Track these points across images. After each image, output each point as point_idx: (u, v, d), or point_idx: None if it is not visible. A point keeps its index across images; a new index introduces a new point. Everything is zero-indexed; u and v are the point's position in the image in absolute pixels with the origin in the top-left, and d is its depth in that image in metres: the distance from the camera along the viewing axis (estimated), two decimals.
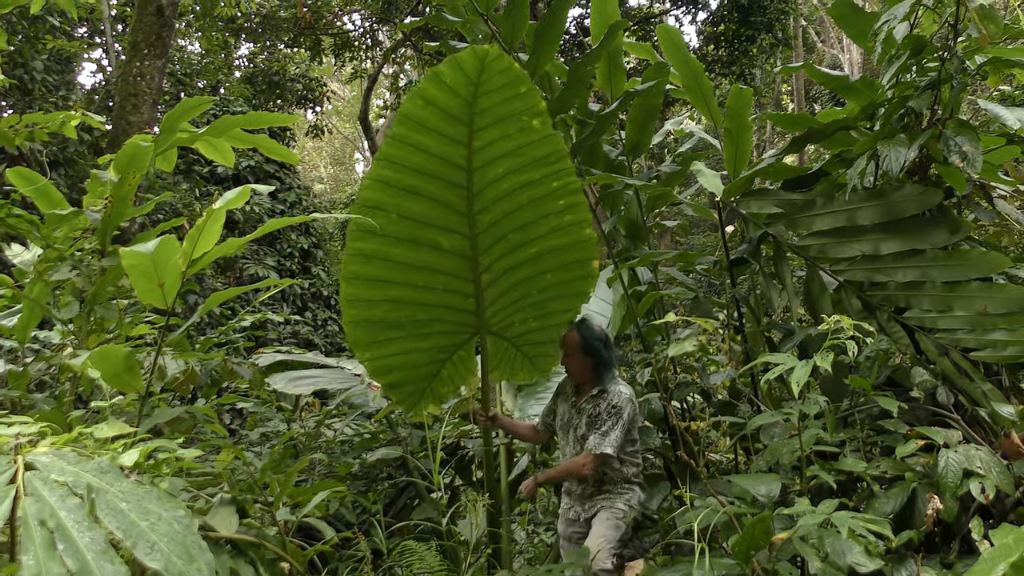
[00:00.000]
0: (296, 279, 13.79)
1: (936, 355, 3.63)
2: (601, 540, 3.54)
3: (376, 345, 4.07)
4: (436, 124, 3.59)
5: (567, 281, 4.18)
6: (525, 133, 3.68)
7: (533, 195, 3.87)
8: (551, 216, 3.94)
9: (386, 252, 3.86)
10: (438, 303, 4.08)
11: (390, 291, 3.96)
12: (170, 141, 4.07)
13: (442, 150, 3.66)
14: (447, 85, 3.48)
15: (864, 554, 2.46)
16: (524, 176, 3.80)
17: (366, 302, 3.95)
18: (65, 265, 3.64)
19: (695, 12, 18.21)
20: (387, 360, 4.15)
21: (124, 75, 8.28)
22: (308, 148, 39.37)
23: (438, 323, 4.15)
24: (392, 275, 3.92)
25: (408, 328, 4.10)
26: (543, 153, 3.75)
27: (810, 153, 22.80)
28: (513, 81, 3.52)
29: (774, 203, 4.18)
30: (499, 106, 3.58)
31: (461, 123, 3.59)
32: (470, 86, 3.48)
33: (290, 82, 19.47)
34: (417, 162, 3.67)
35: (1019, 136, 3.74)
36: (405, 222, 3.81)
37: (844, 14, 4.10)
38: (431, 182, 3.74)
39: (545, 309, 4.29)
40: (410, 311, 4.05)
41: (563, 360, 3.99)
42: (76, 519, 1.40)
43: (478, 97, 3.52)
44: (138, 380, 2.87)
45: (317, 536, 3.39)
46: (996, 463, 2.94)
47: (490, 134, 3.65)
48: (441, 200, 3.79)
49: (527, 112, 3.63)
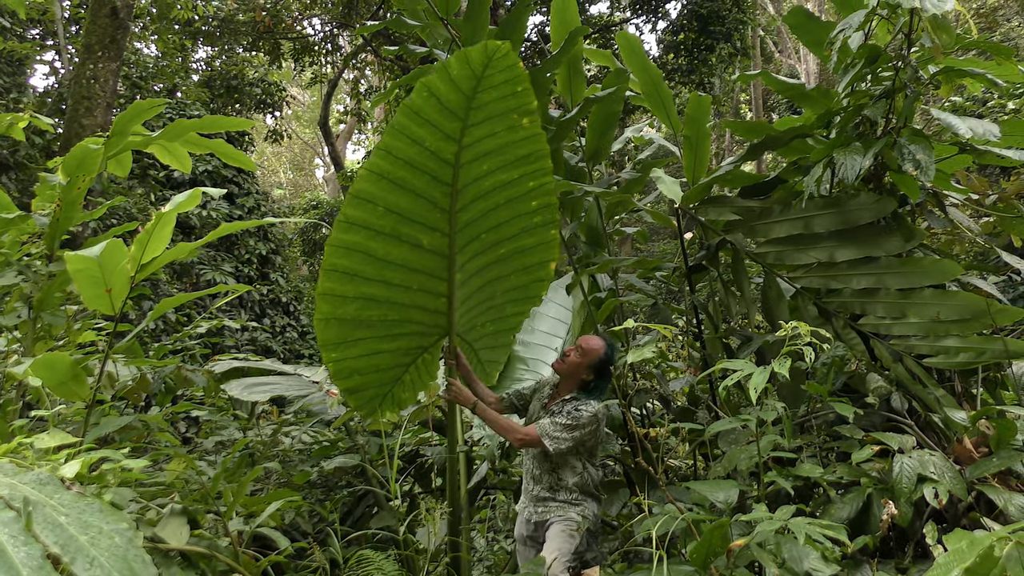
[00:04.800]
0: (254, 285, 13.68)
1: (890, 361, 3.67)
2: (556, 553, 3.50)
3: (344, 345, 3.94)
4: (433, 117, 3.48)
5: (526, 284, 4.13)
6: (513, 131, 3.61)
7: (510, 195, 3.80)
8: (523, 216, 3.88)
9: (367, 246, 3.73)
10: (411, 303, 3.98)
11: (364, 288, 3.82)
12: (122, 144, 3.98)
13: (435, 144, 3.55)
14: (451, 78, 3.38)
15: (821, 560, 2.47)
16: (505, 175, 3.73)
17: (340, 298, 3.82)
18: (11, 270, 3.54)
19: (655, 21, 18.37)
20: (352, 362, 4.03)
21: (77, 78, 8.12)
22: (267, 153, 39.02)
23: (408, 324, 4.05)
24: (369, 270, 3.78)
25: (377, 328, 3.99)
26: (525, 152, 3.68)
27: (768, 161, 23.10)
28: (513, 79, 3.45)
29: (732, 210, 4.20)
30: (495, 103, 3.50)
31: (456, 117, 3.50)
32: (472, 80, 3.39)
33: (248, 86, 19.27)
34: (410, 155, 3.56)
35: (971, 145, 3.80)
36: (390, 216, 3.69)
37: (800, 23, 4.13)
38: (419, 176, 3.63)
39: (503, 312, 4.24)
40: (382, 310, 3.93)
41: (568, 360, 3.81)
42: (11, 533, 1.34)
43: (478, 93, 3.43)
44: (84, 388, 2.79)
45: (272, 546, 3.33)
46: (949, 468, 2.97)
47: (480, 130, 3.57)
48: (425, 196, 3.68)
49: (518, 110, 3.55)
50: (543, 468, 3.74)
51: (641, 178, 4.58)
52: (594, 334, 4.08)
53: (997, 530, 1.68)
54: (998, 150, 3.72)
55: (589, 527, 3.63)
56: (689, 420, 4.00)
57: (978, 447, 3.23)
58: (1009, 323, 3.53)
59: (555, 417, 3.63)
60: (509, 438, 3.70)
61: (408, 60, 4.65)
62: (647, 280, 4.88)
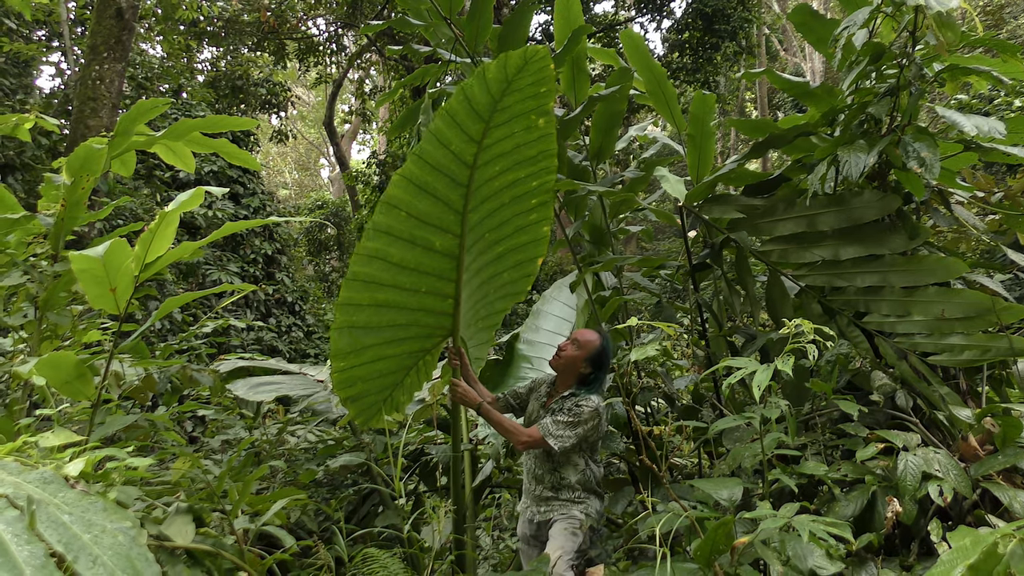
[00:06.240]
0: (259, 285, 13.69)
1: (895, 359, 3.66)
2: (559, 551, 3.49)
3: (354, 354, 3.90)
4: (463, 119, 3.44)
5: (515, 280, 4.12)
6: (529, 132, 3.59)
7: (515, 194, 3.79)
8: (521, 215, 3.88)
9: (386, 252, 3.70)
10: (418, 306, 3.94)
11: (378, 294, 3.78)
12: (125, 144, 3.99)
13: (459, 147, 3.52)
14: (486, 81, 3.35)
15: (825, 557, 2.46)
16: (512, 175, 3.72)
17: (355, 306, 3.76)
18: (17, 270, 3.56)
19: (660, 20, 18.36)
20: (356, 370, 3.99)
21: (83, 79, 8.13)
22: (273, 153, 39.10)
23: (414, 327, 4.02)
24: (384, 276, 3.74)
25: (385, 333, 3.94)
26: (535, 152, 3.66)
27: (774, 159, 23.08)
28: (539, 80, 3.42)
29: (736, 208, 4.19)
30: (517, 104, 3.47)
31: (481, 119, 3.45)
32: (504, 83, 3.36)
33: (253, 87, 19.32)
34: (438, 158, 3.53)
35: (976, 143, 3.79)
36: (410, 220, 3.65)
37: (804, 21, 4.12)
38: (441, 179, 3.59)
39: (492, 308, 4.22)
40: (391, 315, 3.89)
41: (563, 354, 3.78)
42: (14, 532, 1.34)
43: (505, 95, 3.40)
44: (89, 387, 2.80)
45: (278, 545, 3.34)
46: (954, 466, 2.97)
47: (501, 131, 3.54)
48: (444, 198, 3.65)
49: (537, 111, 3.53)
50: (545, 467, 3.72)
51: (645, 176, 4.58)
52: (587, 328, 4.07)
53: (1001, 527, 1.67)
54: (1004, 147, 3.71)
55: (592, 525, 3.63)
56: (693, 418, 4.00)
57: (983, 445, 3.22)
58: (1014, 320, 3.52)
59: (556, 415, 3.62)
60: (513, 440, 3.68)
61: (412, 60, 4.68)
62: (651, 278, 4.87)
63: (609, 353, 3.78)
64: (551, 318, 5.41)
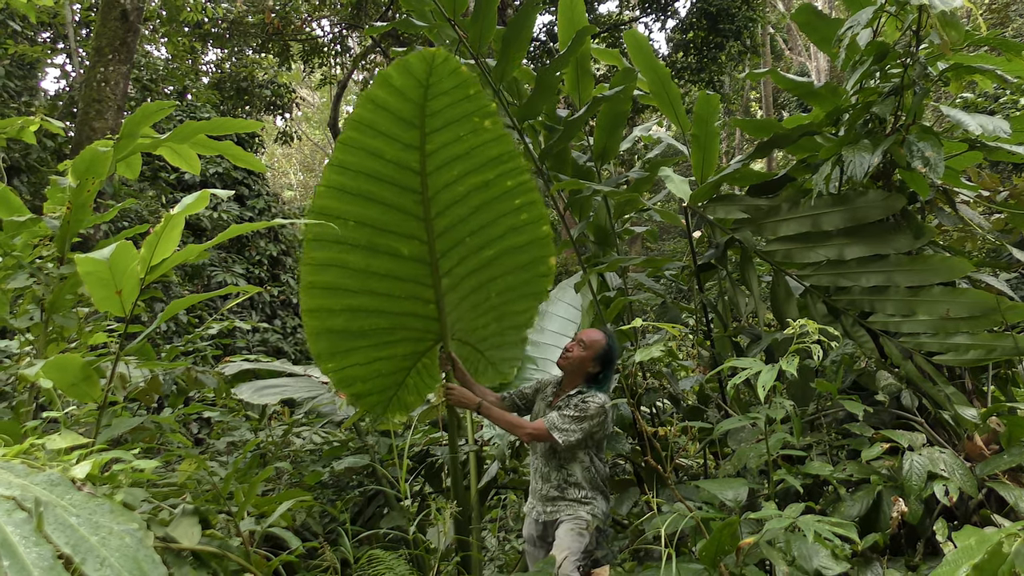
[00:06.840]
0: (265, 286, 13.70)
1: (900, 359, 3.66)
2: (566, 552, 3.50)
3: (339, 355, 4.01)
4: (388, 128, 3.55)
5: (525, 281, 4.16)
6: (477, 134, 3.66)
7: (488, 196, 3.85)
8: (507, 216, 3.93)
9: (343, 260, 3.80)
10: (400, 311, 4.03)
11: (349, 300, 3.90)
12: (131, 147, 4.00)
13: (396, 155, 3.62)
14: (396, 88, 3.46)
15: (830, 557, 2.46)
16: (478, 177, 3.78)
17: (326, 311, 3.90)
18: (23, 273, 3.56)
19: (664, 19, 18.35)
20: (351, 371, 4.09)
21: (88, 81, 8.15)
22: (278, 155, 39.13)
23: (400, 331, 4.10)
24: (351, 283, 3.87)
25: (371, 337, 4.04)
26: (496, 153, 3.74)
27: (779, 159, 23.04)
28: (463, 83, 3.52)
29: (740, 208, 4.19)
30: (450, 108, 3.56)
31: (412, 126, 3.56)
32: (420, 88, 3.47)
33: (258, 88, 19.34)
34: (371, 167, 3.63)
35: (981, 142, 3.78)
36: (363, 229, 3.75)
37: (808, 20, 4.12)
38: (386, 187, 3.70)
39: (504, 311, 4.26)
40: (372, 320, 3.99)
41: (571, 355, 3.79)
42: (23, 534, 1.35)
43: (428, 100, 3.50)
44: (96, 390, 2.81)
45: (284, 546, 3.34)
46: (959, 465, 2.96)
47: (442, 136, 3.63)
48: (396, 206, 3.75)
49: (478, 113, 3.62)
50: (551, 465, 3.73)
51: (649, 177, 4.58)
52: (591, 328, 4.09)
53: (1006, 526, 1.67)
54: (1009, 146, 3.71)
55: (598, 525, 3.64)
56: (698, 419, 4.00)
57: (989, 444, 3.22)
58: (1020, 320, 3.51)
59: (563, 410, 3.63)
60: (518, 434, 3.71)
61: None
62: (656, 279, 4.87)
63: (615, 352, 3.81)
64: (556, 319, 5.41)
